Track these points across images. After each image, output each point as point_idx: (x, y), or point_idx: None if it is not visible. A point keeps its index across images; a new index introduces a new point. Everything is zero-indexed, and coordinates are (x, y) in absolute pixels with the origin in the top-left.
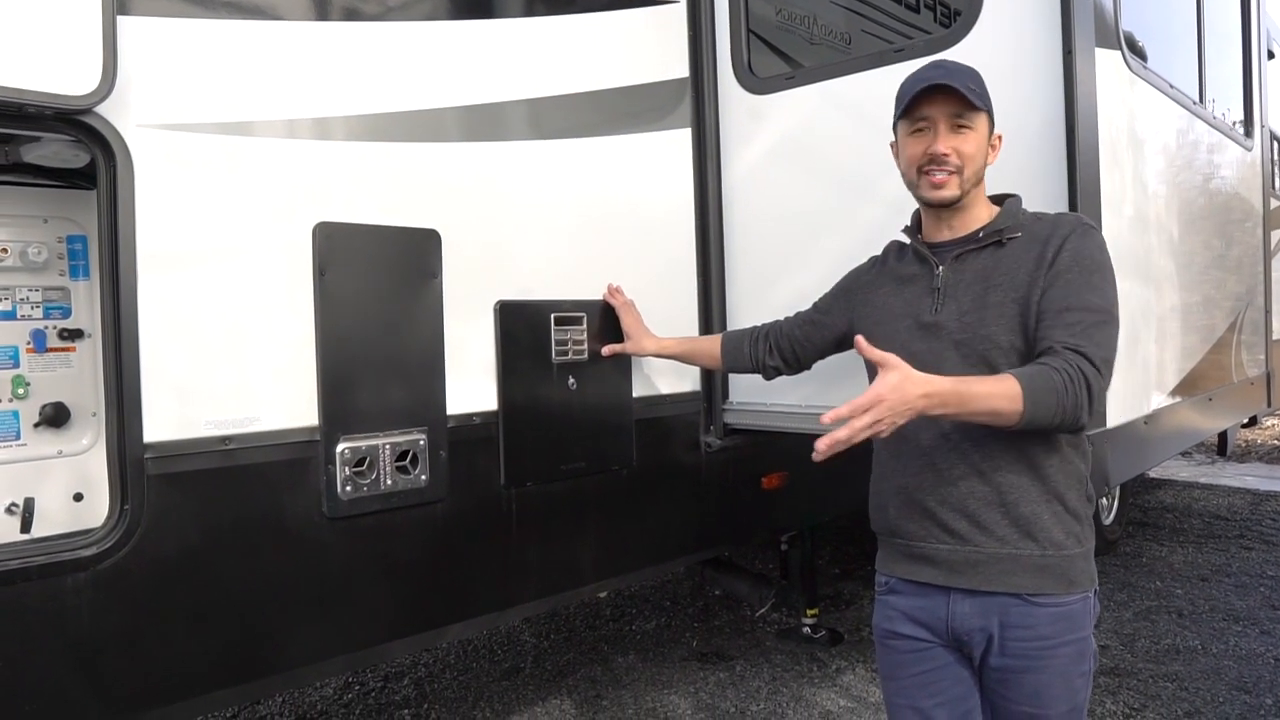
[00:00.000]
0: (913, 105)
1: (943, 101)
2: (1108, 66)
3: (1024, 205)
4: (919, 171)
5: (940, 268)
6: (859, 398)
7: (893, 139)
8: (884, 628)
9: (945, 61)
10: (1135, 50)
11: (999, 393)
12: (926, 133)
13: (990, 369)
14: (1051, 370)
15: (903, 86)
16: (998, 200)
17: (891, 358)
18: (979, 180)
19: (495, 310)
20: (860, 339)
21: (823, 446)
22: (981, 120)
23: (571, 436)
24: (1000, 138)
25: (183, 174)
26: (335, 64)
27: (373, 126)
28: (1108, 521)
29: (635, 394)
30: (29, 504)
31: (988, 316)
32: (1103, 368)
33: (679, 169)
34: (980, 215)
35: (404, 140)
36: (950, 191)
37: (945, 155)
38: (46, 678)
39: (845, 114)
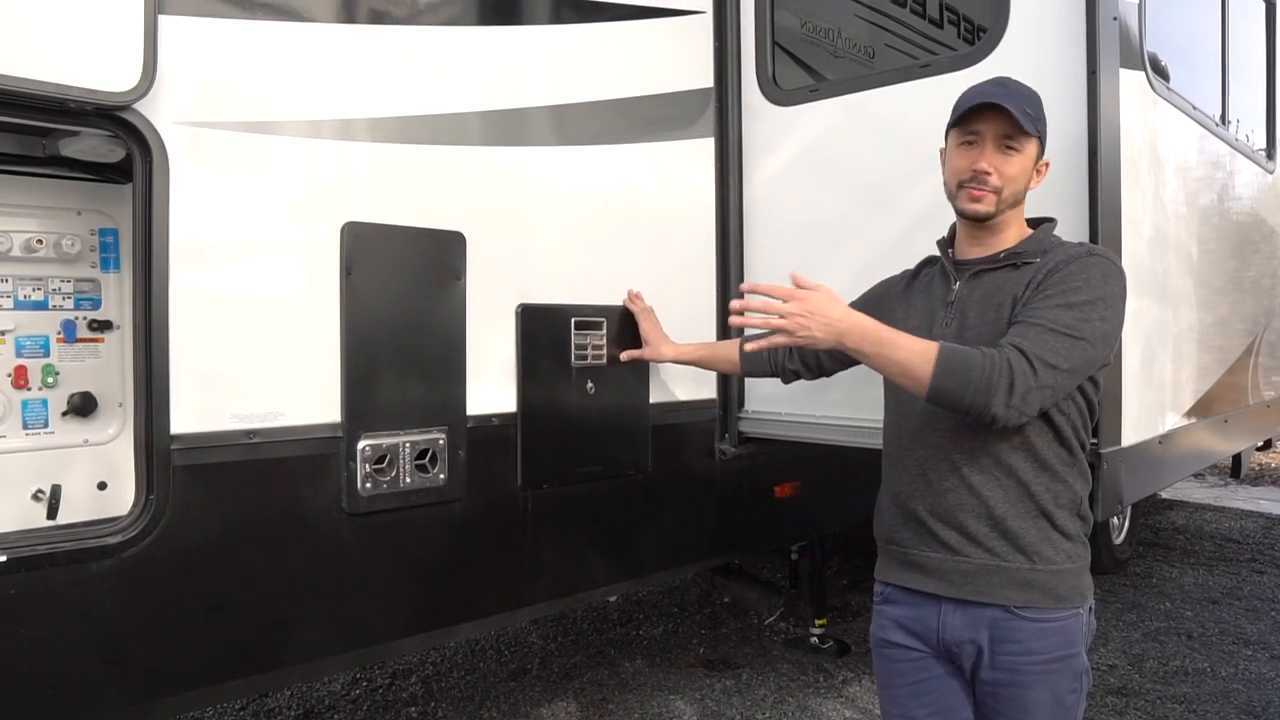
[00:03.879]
0: (966, 118)
1: (995, 119)
2: (1131, 87)
3: (1057, 231)
4: (959, 184)
5: (957, 283)
6: (788, 287)
7: (942, 145)
8: (879, 636)
9: (1009, 80)
10: (1159, 71)
11: (915, 350)
12: (974, 147)
13: None
14: (977, 351)
15: (962, 96)
16: (1035, 224)
17: (822, 285)
18: (1017, 203)
19: (517, 313)
20: (793, 273)
21: (734, 317)
22: (1031, 145)
23: (588, 440)
24: (1047, 164)
25: (215, 171)
26: (365, 66)
27: (401, 129)
28: (1118, 541)
29: (652, 400)
30: (56, 491)
31: (985, 333)
32: (1039, 366)
33: (701, 178)
34: (1012, 236)
35: (432, 143)
36: (985, 207)
37: (987, 173)
38: (69, 661)
39: (868, 128)
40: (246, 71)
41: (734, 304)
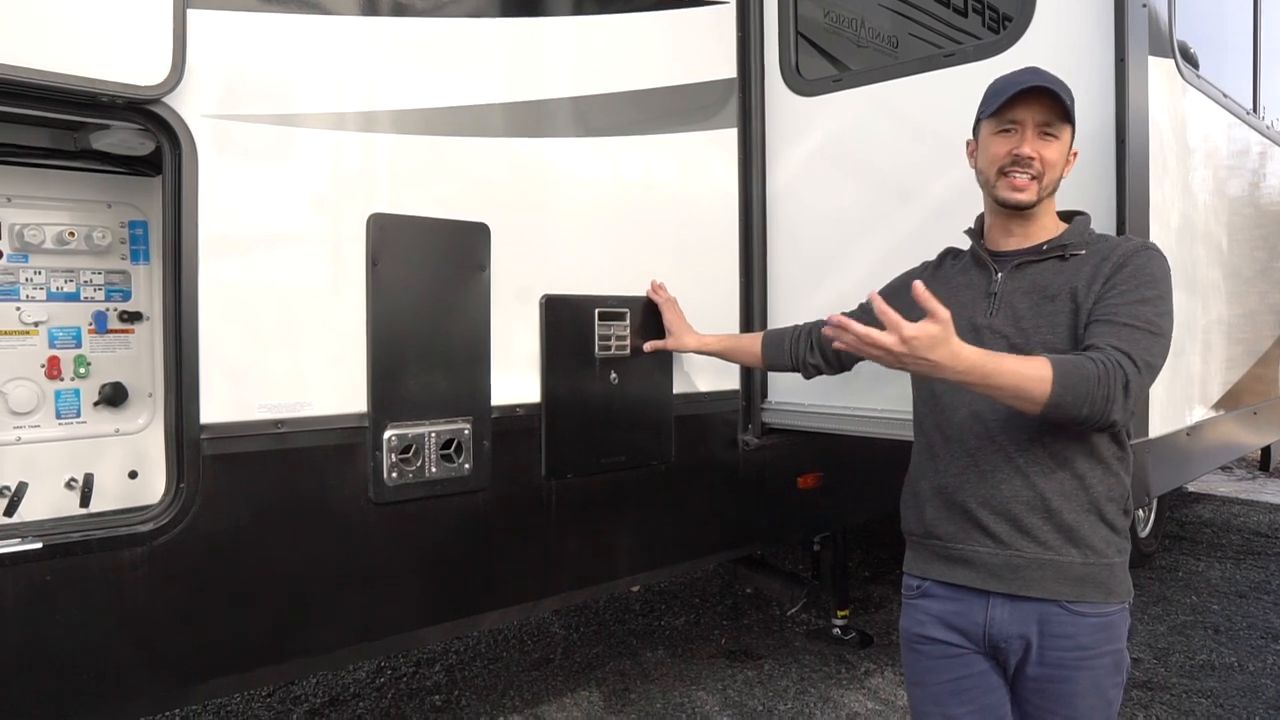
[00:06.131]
0: (1005, 106)
1: (1035, 106)
2: (1160, 75)
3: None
4: (999, 172)
5: (999, 274)
6: (896, 316)
7: (969, 138)
8: (914, 632)
9: (1040, 69)
10: (1188, 58)
11: (1027, 372)
12: (1012, 134)
13: None
14: (1087, 359)
15: (994, 86)
16: (1066, 216)
17: (944, 313)
18: (1054, 190)
19: (541, 304)
20: (918, 284)
21: (834, 320)
22: (1067, 132)
23: (612, 430)
24: (1076, 153)
25: (243, 164)
26: (390, 59)
27: (426, 120)
28: (1144, 534)
29: (675, 390)
30: (88, 480)
31: (1043, 324)
32: (1144, 369)
33: (724, 168)
34: (1047, 226)
35: (456, 135)
36: (1027, 196)
37: (1031, 158)
38: (103, 647)
39: (892, 118)
40: (273, 64)
41: (833, 318)
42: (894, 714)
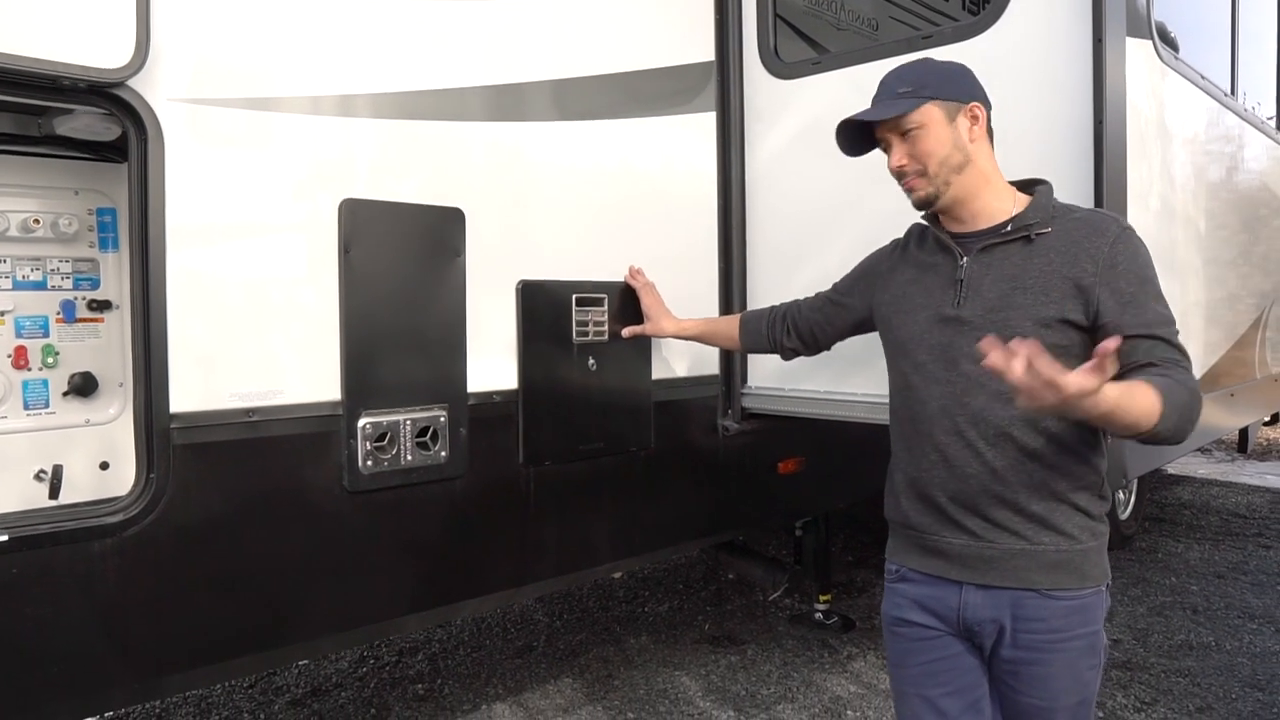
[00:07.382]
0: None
1: (881, 124)
2: (1138, 56)
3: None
4: (899, 183)
5: (964, 259)
6: (1054, 371)
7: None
8: (893, 615)
9: (883, 81)
10: (1166, 40)
11: (1144, 410)
12: (887, 150)
13: None
14: (1180, 387)
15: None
16: (1026, 186)
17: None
18: (960, 168)
19: (517, 290)
20: (1106, 346)
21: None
22: (927, 113)
23: (590, 417)
24: (971, 108)
25: (212, 149)
26: (362, 41)
27: (399, 104)
28: (1124, 516)
29: (654, 376)
30: (58, 471)
31: (1013, 316)
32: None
33: (703, 152)
34: (996, 203)
35: (430, 119)
36: (922, 193)
37: (902, 167)
38: (73, 640)
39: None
40: (244, 47)
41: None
42: (876, 697)
